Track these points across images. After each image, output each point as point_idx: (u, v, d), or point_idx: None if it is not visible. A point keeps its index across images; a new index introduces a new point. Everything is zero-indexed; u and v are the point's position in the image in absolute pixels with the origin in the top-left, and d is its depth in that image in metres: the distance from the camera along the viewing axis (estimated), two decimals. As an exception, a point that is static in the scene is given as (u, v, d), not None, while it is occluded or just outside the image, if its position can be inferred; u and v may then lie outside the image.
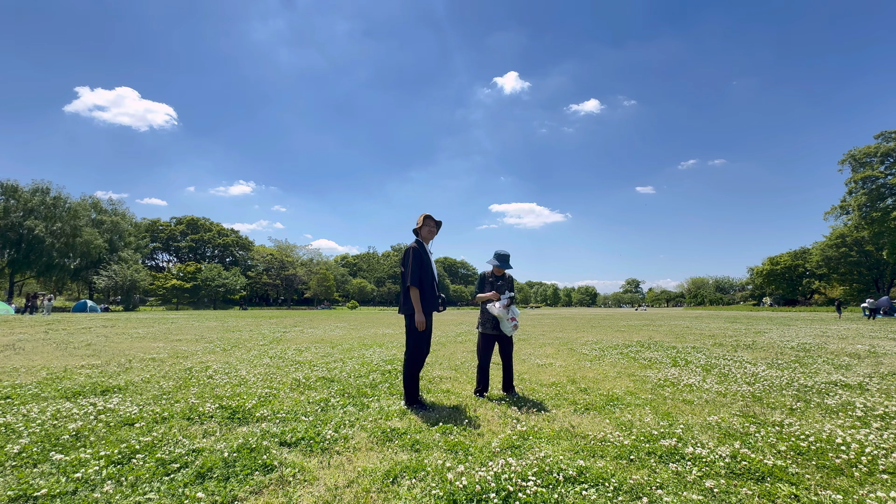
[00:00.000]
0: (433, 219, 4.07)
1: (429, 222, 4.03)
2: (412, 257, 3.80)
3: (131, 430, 3.12)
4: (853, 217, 43.15)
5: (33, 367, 5.71)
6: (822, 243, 55.97)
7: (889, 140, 40.69)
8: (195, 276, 54.57)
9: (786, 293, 65.16)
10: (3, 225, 37.69)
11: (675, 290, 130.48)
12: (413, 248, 3.85)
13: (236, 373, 5.45)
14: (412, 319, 3.81)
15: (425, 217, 4.02)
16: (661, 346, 9.07)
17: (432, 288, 3.91)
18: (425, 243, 4.01)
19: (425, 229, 4.01)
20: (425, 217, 4.02)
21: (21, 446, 2.72)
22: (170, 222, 68.69)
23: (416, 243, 3.93)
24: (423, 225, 4.00)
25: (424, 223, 4.00)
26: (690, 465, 2.58)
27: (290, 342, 9.55)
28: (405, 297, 3.85)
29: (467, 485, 2.25)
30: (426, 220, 4.01)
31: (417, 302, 3.76)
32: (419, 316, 3.75)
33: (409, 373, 3.85)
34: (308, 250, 72.92)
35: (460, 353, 7.73)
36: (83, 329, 12.00)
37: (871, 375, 5.54)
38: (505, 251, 4.43)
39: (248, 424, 3.30)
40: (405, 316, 3.89)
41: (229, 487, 2.23)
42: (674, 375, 5.49)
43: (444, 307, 4.06)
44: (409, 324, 3.84)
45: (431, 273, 3.93)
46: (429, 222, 4.03)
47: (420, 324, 3.74)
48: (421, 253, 3.88)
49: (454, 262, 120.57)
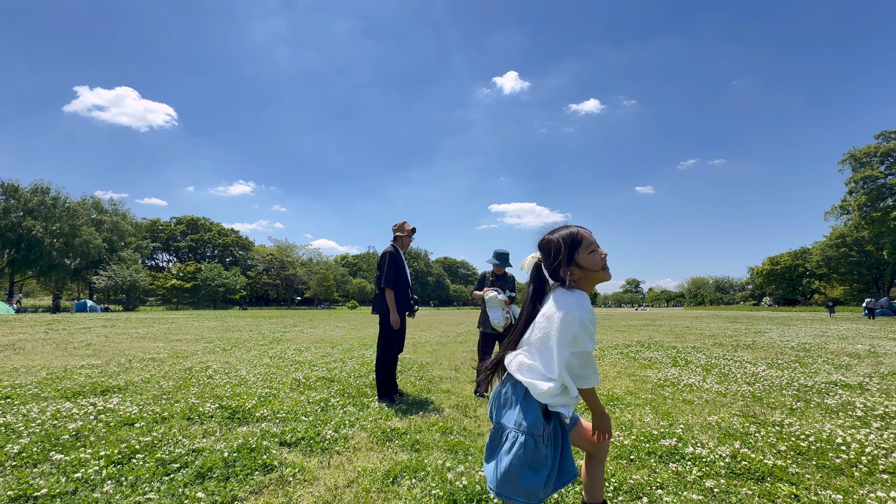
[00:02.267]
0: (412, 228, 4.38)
1: (410, 233, 4.33)
2: (388, 261, 4.06)
3: (131, 430, 3.11)
4: (853, 217, 43.15)
5: (33, 367, 5.71)
6: (823, 243, 56.01)
7: (889, 140, 40.69)
8: (195, 276, 54.57)
9: (786, 293, 65.21)
10: (3, 225, 37.68)
11: (675, 290, 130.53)
12: (389, 253, 4.11)
13: (236, 373, 5.45)
14: (386, 319, 4.06)
15: (411, 229, 4.29)
16: (661, 345, 9.07)
17: (406, 291, 4.15)
18: (402, 249, 4.27)
19: (407, 239, 4.29)
20: (411, 229, 4.29)
21: (21, 446, 2.71)
22: (170, 222, 68.66)
23: (393, 248, 4.20)
24: (406, 234, 4.27)
25: (409, 234, 4.29)
26: (690, 464, 2.58)
27: (290, 342, 9.55)
28: (380, 298, 4.09)
29: (467, 485, 2.25)
30: (411, 231, 4.30)
31: (392, 302, 4.01)
32: (394, 315, 3.99)
33: (380, 368, 4.07)
34: (308, 250, 72.96)
35: (460, 353, 7.73)
36: (83, 329, 12.00)
37: (871, 375, 5.54)
38: (504, 250, 4.43)
39: (248, 424, 3.31)
40: (380, 316, 4.14)
41: (229, 487, 2.23)
42: (674, 375, 5.49)
43: (416, 309, 4.34)
44: (384, 323, 4.09)
45: (405, 277, 4.17)
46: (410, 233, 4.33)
47: (395, 322, 3.98)
48: (397, 257, 4.13)
49: (454, 262, 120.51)
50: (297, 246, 71.28)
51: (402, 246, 4.27)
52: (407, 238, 4.30)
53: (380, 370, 4.07)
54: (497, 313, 4.18)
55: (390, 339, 4.08)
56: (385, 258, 4.06)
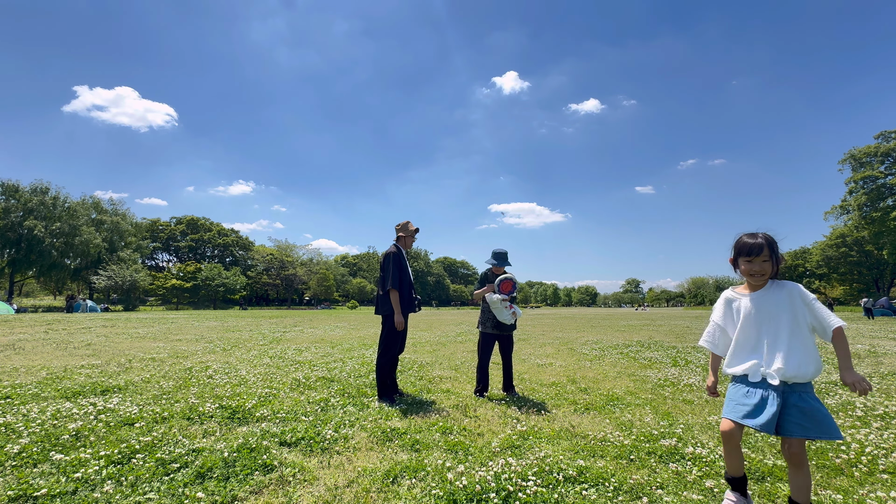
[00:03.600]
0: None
1: (414, 233, 4.31)
2: (392, 262, 4.03)
3: (131, 429, 3.11)
4: (853, 217, 43.15)
5: (33, 367, 5.71)
6: (823, 243, 55.99)
7: (889, 140, 40.68)
8: (195, 276, 54.53)
9: (786, 293, 65.13)
10: (3, 225, 37.69)
11: (676, 290, 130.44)
12: (393, 254, 4.09)
13: (236, 373, 5.45)
14: (389, 319, 4.05)
15: (414, 230, 4.28)
16: (661, 345, 9.07)
17: (410, 291, 4.15)
18: (405, 249, 4.26)
19: (410, 239, 4.28)
20: (414, 230, 4.28)
21: (21, 446, 2.71)
22: (170, 222, 68.63)
23: (396, 248, 4.17)
24: (410, 235, 4.26)
25: (412, 234, 4.28)
26: (690, 464, 2.58)
27: (290, 342, 9.55)
28: (384, 299, 4.07)
29: (467, 485, 2.25)
30: (414, 232, 4.28)
31: (397, 303, 4.00)
32: (398, 317, 3.98)
33: (381, 368, 4.06)
34: (308, 250, 72.88)
35: (460, 353, 7.73)
36: (83, 329, 11.99)
37: (871, 375, 5.54)
38: (502, 249, 4.43)
39: (248, 424, 3.30)
40: (383, 316, 4.12)
41: (229, 487, 2.23)
42: (674, 375, 5.49)
43: (419, 308, 4.33)
44: (387, 323, 4.07)
45: (409, 277, 4.17)
46: (414, 233, 4.31)
47: (399, 324, 3.97)
48: (400, 258, 4.11)
49: (454, 262, 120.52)
50: (297, 246, 71.25)
51: (405, 246, 4.26)
52: (410, 238, 4.28)
53: (381, 370, 4.07)
54: (505, 314, 4.19)
55: (392, 340, 4.08)
56: (389, 259, 4.05)
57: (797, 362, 1.83)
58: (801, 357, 1.83)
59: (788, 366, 1.83)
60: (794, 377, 1.83)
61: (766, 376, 1.88)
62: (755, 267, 1.97)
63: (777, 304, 1.92)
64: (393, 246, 4.21)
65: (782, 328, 1.89)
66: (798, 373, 1.82)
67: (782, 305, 1.91)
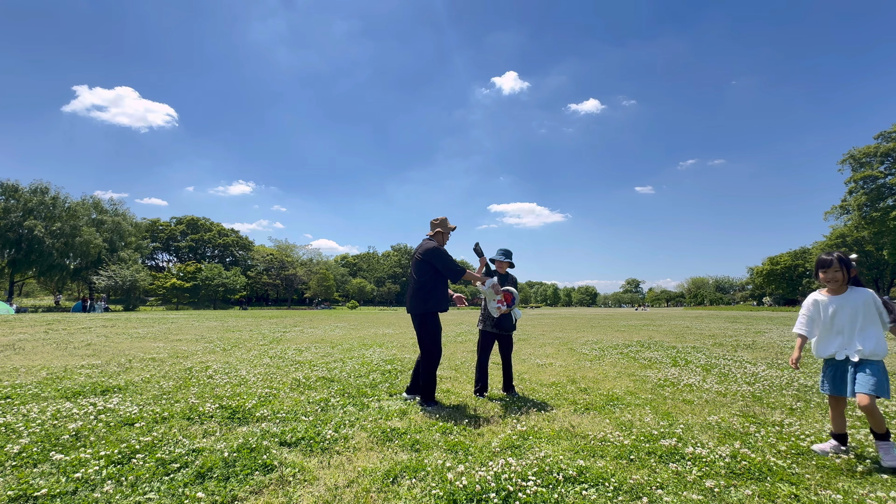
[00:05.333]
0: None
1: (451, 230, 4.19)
2: (446, 253, 3.94)
3: (131, 430, 3.12)
4: (853, 217, 43.17)
5: (33, 367, 5.71)
6: (823, 243, 55.94)
7: (889, 140, 40.68)
8: (195, 276, 54.53)
9: (786, 293, 65.13)
10: (3, 225, 37.69)
11: (675, 290, 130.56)
12: (439, 246, 3.99)
13: (236, 373, 5.45)
14: (433, 316, 3.89)
15: (453, 227, 4.17)
16: (661, 345, 9.07)
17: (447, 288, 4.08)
18: (441, 245, 4.15)
19: (447, 237, 4.18)
20: (453, 227, 4.17)
21: (21, 446, 2.71)
22: (170, 222, 68.68)
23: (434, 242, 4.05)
24: (448, 232, 4.15)
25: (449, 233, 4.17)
26: (690, 464, 2.58)
27: (290, 342, 9.55)
28: (425, 295, 3.89)
29: (467, 485, 2.25)
30: (452, 230, 4.17)
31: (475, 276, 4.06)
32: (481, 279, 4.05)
33: (428, 371, 3.89)
34: (308, 250, 72.88)
35: (460, 353, 7.73)
36: (83, 329, 11.99)
37: (871, 375, 5.54)
38: (507, 249, 4.45)
39: (248, 424, 3.31)
40: (423, 314, 3.90)
41: (229, 487, 2.23)
42: (674, 375, 5.49)
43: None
44: (431, 321, 3.89)
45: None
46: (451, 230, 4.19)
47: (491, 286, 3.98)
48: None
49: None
50: (297, 246, 71.29)
51: (440, 242, 4.12)
52: (447, 236, 4.16)
53: (426, 373, 3.89)
54: (492, 305, 4.14)
55: (439, 337, 3.93)
56: (439, 252, 3.89)
57: (872, 347, 2.63)
58: (874, 343, 2.63)
59: (865, 348, 2.64)
60: (869, 356, 2.63)
61: (849, 355, 2.68)
62: (829, 276, 2.77)
63: (855, 305, 2.71)
64: (430, 240, 4.05)
65: (858, 322, 2.69)
66: (872, 353, 2.63)
67: (859, 306, 2.70)
